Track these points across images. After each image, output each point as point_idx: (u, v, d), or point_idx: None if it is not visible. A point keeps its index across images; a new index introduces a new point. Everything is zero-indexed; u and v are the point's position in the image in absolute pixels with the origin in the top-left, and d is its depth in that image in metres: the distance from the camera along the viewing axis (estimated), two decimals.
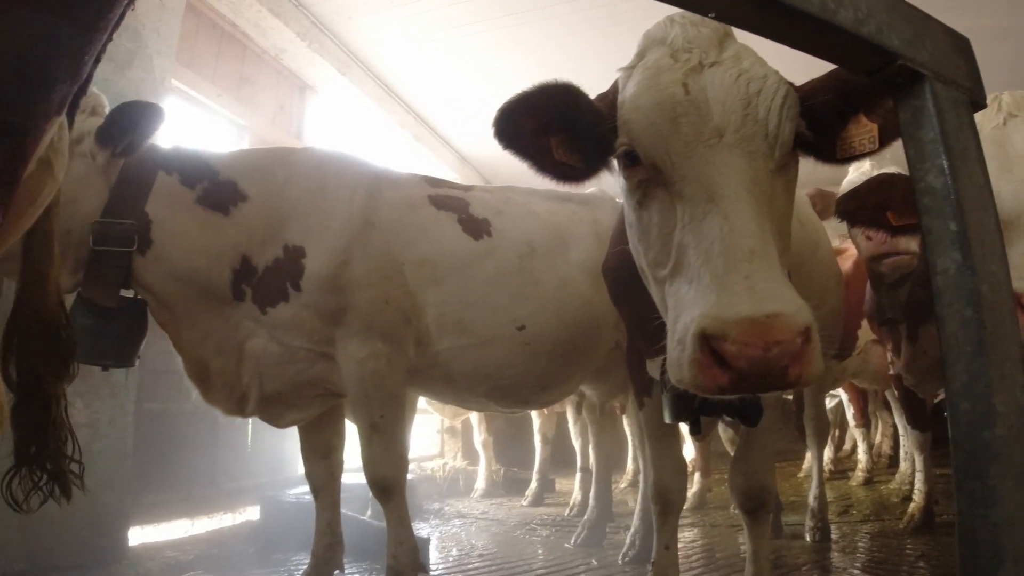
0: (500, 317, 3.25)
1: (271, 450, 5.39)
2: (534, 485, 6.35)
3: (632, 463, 7.01)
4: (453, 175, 8.95)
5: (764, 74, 1.59)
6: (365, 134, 7.96)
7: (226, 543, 4.21)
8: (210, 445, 4.82)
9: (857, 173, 3.76)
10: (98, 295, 2.75)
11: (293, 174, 3.05)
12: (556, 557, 4.00)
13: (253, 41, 5.98)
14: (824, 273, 3.03)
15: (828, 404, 6.38)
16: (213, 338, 2.92)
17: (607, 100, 1.77)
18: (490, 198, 3.56)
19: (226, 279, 2.88)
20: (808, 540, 4.13)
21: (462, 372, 3.27)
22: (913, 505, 4.33)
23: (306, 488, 3.54)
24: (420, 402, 5.28)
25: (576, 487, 5.64)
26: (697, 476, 5.72)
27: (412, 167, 5.46)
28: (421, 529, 4.70)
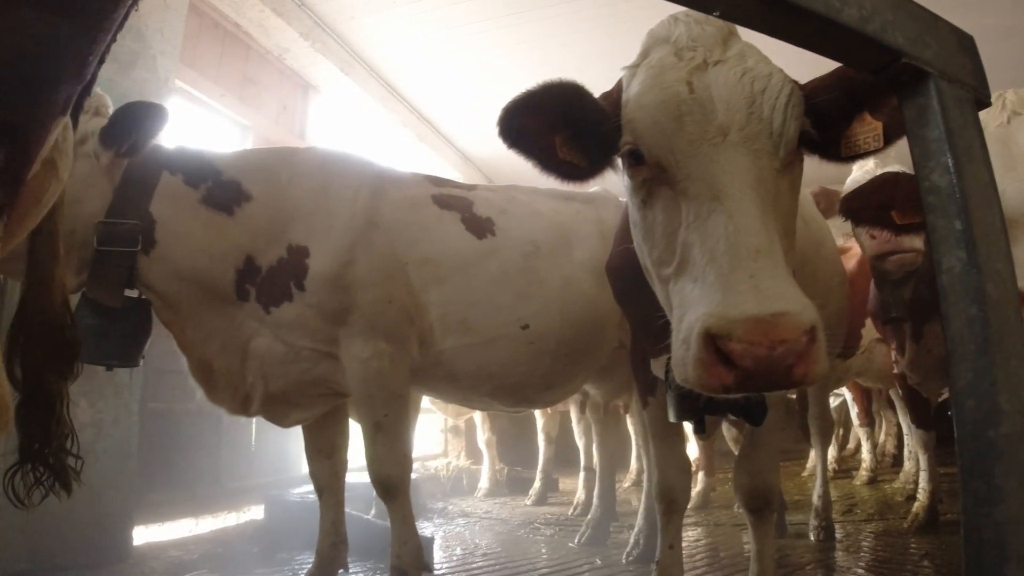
0: (504, 316, 3.24)
1: (275, 449, 5.40)
2: (538, 484, 6.34)
3: (636, 462, 7.00)
4: (456, 174, 8.95)
5: (769, 72, 1.59)
6: (368, 133, 7.98)
7: (230, 542, 4.21)
8: (214, 444, 4.83)
9: (861, 171, 3.75)
10: (102, 295, 2.75)
11: (297, 174, 3.06)
12: (560, 556, 4.00)
13: (256, 41, 5.99)
14: (828, 272, 3.02)
15: (832, 403, 6.38)
16: (217, 338, 2.92)
17: (611, 99, 1.77)
18: (494, 197, 3.55)
19: (230, 279, 2.88)
20: (812, 539, 4.12)
21: (466, 371, 3.27)
22: (917, 504, 4.31)
23: (310, 487, 3.54)
24: (424, 401, 5.29)
25: (580, 486, 5.64)
26: (701, 475, 5.71)
27: (415, 166, 5.49)
28: (425, 528, 4.70)
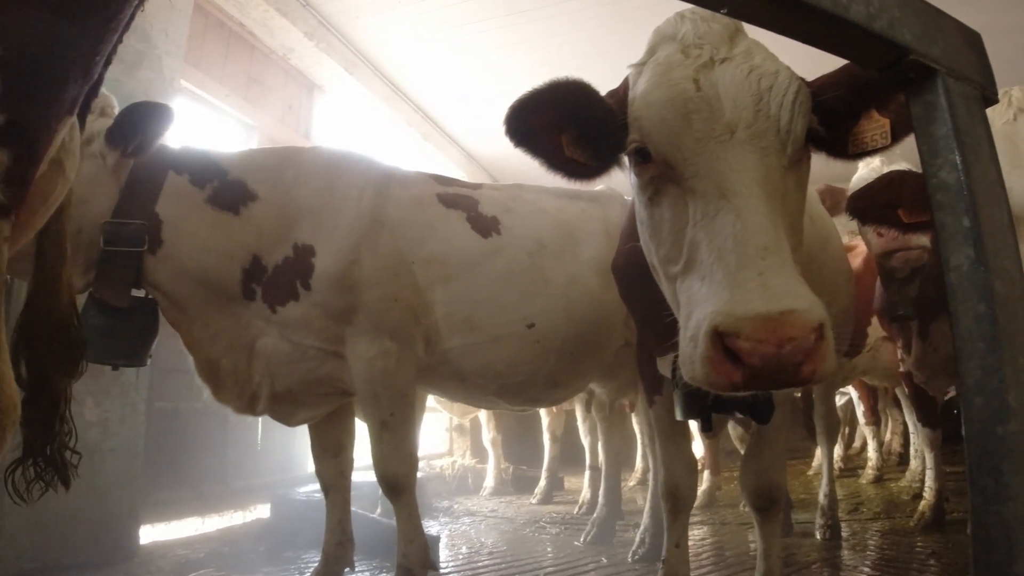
0: (509, 315, 3.25)
1: (281, 448, 5.42)
2: (543, 483, 6.34)
3: (641, 461, 6.99)
4: (461, 173, 8.95)
5: (776, 70, 1.59)
6: (373, 133, 7.99)
7: (237, 541, 4.22)
8: (221, 443, 4.85)
9: (867, 169, 3.73)
10: (109, 295, 2.76)
11: (302, 173, 3.06)
12: (566, 555, 4.00)
13: (261, 41, 6.00)
14: (835, 270, 3.01)
15: (838, 401, 6.36)
16: (224, 337, 2.93)
17: (618, 97, 1.77)
18: (499, 196, 3.56)
19: (236, 278, 2.89)
20: (818, 538, 4.12)
21: (472, 370, 3.28)
22: (924, 503, 4.30)
23: (316, 486, 3.55)
24: (429, 400, 5.29)
25: (585, 485, 5.64)
26: (707, 474, 5.70)
27: (420, 165, 5.49)
28: (431, 527, 4.70)
